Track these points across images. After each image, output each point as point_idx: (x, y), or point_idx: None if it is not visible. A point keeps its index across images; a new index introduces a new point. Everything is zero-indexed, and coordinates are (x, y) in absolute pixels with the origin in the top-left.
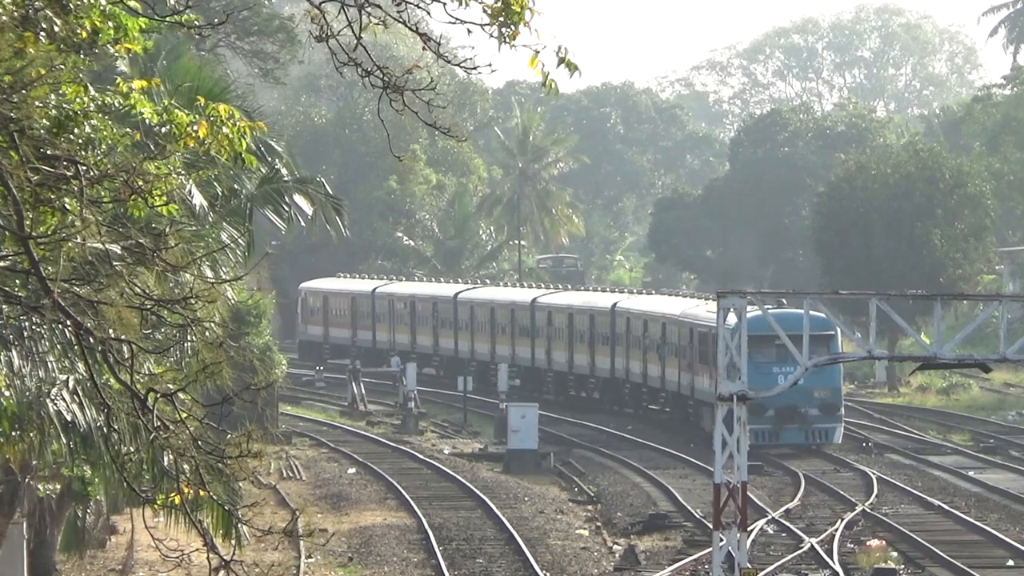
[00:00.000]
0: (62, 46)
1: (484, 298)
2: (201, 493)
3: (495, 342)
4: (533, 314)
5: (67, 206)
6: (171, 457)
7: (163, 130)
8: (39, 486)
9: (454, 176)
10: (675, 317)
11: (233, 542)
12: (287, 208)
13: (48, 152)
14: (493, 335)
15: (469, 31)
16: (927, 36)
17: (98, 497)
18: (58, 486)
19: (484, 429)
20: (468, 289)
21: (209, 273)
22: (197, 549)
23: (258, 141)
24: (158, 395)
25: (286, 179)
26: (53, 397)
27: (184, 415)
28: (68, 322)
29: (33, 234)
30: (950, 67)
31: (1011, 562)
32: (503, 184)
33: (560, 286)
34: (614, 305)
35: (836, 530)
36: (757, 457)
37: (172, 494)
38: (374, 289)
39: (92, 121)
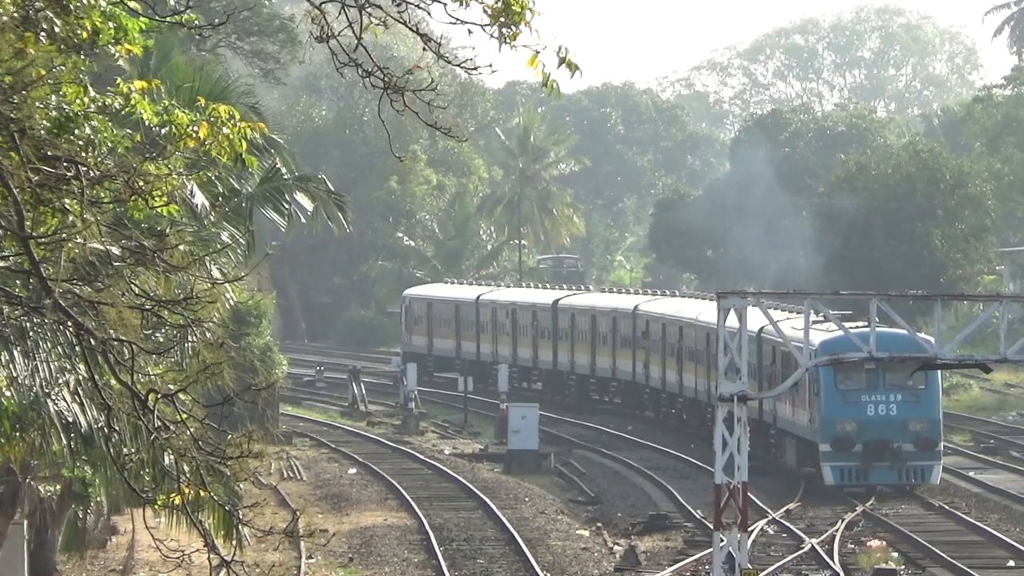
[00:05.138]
0: (62, 47)
1: (584, 305)
2: (202, 494)
3: (595, 353)
4: (634, 322)
5: (67, 207)
6: (172, 457)
7: (163, 131)
8: (40, 487)
9: (455, 176)
10: (751, 336)
11: (234, 543)
12: (287, 206)
13: (49, 153)
14: (593, 345)
15: (470, 31)
16: (927, 36)
17: (99, 498)
18: (59, 487)
19: (484, 429)
20: (568, 295)
21: (215, 273)
22: (198, 549)
23: (259, 137)
24: (159, 395)
25: (286, 177)
26: (54, 397)
27: (185, 416)
28: (69, 322)
29: (34, 234)
30: (950, 67)
31: (1011, 563)
32: (503, 184)
33: (660, 291)
34: (697, 316)
35: (837, 531)
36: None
37: (173, 495)
38: (478, 296)
39: (92, 122)
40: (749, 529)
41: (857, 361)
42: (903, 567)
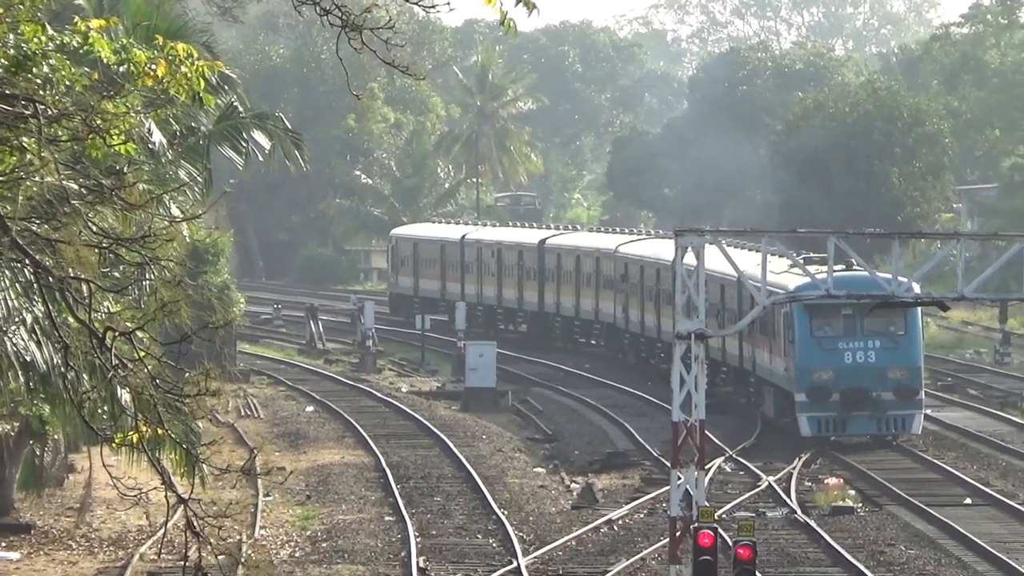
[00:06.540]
0: None
1: (570, 245)
2: (159, 431)
3: (579, 295)
4: (614, 264)
5: (25, 145)
6: (129, 395)
7: (121, 69)
8: None
9: (412, 115)
10: (732, 280)
11: (194, 480)
12: (245, 144)
13: (6, 91)
14: (578, 287)
15: None
16: None
17: (56, 436)
18: (16, 424)
19: (442, 367)
20: (555, 235)
21: (173, 211)
22: (155, 487)
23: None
24: (116, 333)
25: (243, 115)
26: (11, 335)
27: (142, 353)
28: (27, 260)
29: None
30: (908, 6)
31: (968, 500)
32: (461, 123)
33: (643, 231)
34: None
35: (794, 468)
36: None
37: (130, 432)
38: (463, 236)
39: (50, 60)
40: (706, 467)
41: (831, 306)
42: (860, 505)
